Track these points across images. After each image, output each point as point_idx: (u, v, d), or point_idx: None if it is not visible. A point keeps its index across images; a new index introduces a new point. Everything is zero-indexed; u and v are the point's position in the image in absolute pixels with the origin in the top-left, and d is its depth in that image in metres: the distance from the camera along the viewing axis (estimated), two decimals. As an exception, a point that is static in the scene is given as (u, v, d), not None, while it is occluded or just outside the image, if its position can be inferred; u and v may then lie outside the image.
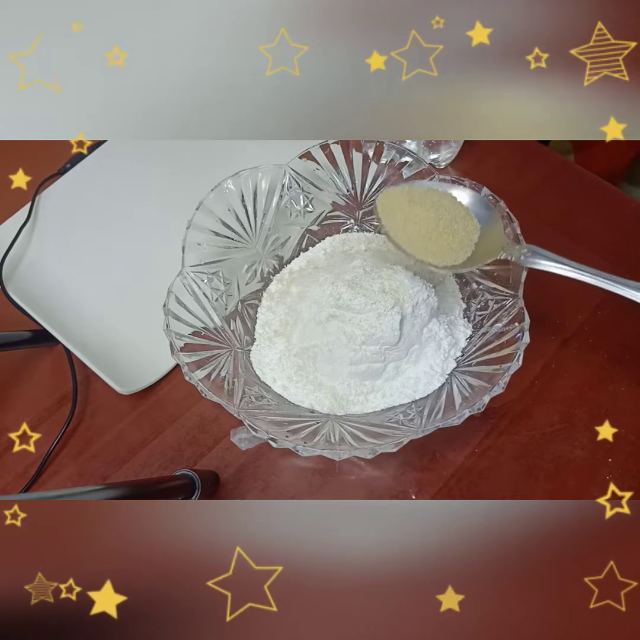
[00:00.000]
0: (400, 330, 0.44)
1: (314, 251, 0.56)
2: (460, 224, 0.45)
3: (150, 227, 0.62)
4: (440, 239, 0.44)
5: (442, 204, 0.45)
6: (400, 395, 0.47)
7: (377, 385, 0.47)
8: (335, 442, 0.42)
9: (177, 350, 0.44)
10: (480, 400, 0.41)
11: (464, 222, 0.45)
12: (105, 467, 0.51)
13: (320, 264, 0.54)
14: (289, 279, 0.54)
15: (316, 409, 0.46)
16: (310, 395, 0.47)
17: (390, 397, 0.47)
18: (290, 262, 0.55)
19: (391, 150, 0.53)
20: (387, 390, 0.47)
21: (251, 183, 0.52)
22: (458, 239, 0.44)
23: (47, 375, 0.56)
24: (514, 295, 0.46)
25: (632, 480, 0.47)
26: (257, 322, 0.52)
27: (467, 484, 0.48)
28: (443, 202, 0.45)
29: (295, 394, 0.47)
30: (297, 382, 0.47)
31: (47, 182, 0.66)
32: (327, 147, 0.53)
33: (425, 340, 0.47)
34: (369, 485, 0.48)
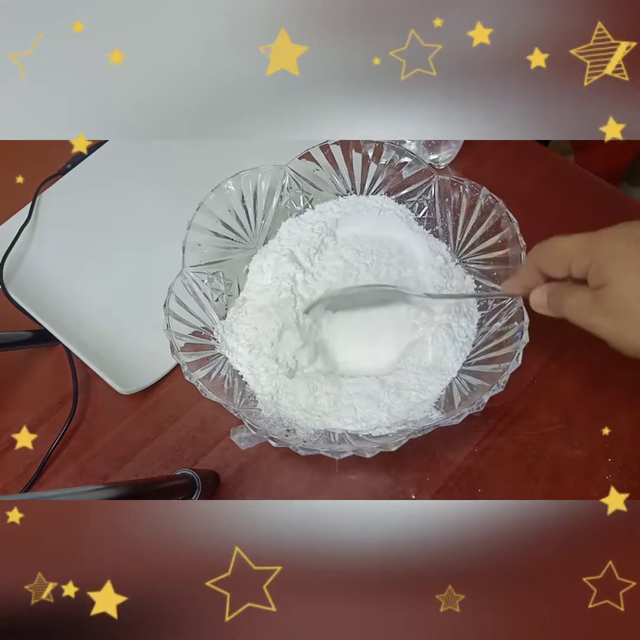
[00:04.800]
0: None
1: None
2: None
3: (151, 227, 0.62)
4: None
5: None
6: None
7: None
8: (335, 442, 0.43)
9: (177, 350, 0.44)
10: (479, 400, 0.41)
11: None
12: (105, 467, 0.51)
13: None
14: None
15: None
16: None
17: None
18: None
19: (391, 151, 0.53)
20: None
21: (251, 184, 0.52)
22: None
23: (47, 375, 0.56)
24: (513, 294, 0.46)
25: (632, 480, 0.47)
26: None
27: (467, 484, 0.48)
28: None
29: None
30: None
31: (47, 182, 0.66)
32: (327, 147, 0.53)
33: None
34: (369, 485, 0.48)
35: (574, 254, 0.35)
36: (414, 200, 0.54)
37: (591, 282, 0.34)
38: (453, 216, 0.52)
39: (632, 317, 0.32)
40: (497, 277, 0.49)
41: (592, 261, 0.33)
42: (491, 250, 0.49)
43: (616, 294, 0.32)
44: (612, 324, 0.33)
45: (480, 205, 0.50)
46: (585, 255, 0.34)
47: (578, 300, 0.35)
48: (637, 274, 0.31)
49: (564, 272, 0.36)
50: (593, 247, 0.34)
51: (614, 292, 0.32)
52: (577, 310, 0.35)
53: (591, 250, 0.34)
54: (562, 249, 0.36)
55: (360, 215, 0.54)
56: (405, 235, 0.54)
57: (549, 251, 0.37)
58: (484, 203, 0.49)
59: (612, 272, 0.32)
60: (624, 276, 0.32)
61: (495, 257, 0.49)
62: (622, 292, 0.32)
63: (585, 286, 0.35)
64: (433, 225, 0.54)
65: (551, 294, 0.38)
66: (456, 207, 0.51)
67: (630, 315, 0.32)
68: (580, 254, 0.34)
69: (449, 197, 0.52)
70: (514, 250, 0.47)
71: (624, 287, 0.32)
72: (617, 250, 0.32)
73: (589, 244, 0.34)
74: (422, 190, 0.53)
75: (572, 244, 0.35)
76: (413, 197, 0.54)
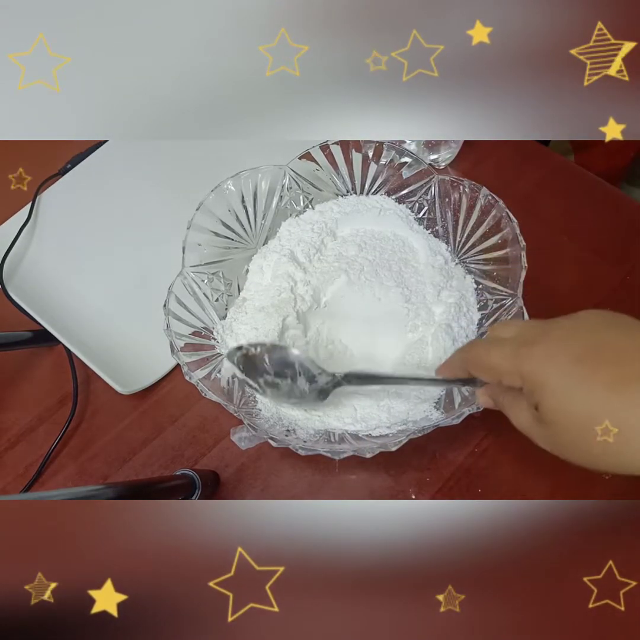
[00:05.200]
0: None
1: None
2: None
3: (151, 228, 0.62)
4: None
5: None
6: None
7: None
8: (335, 442, 0.43)
9: (177, 350, 0.44)
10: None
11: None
12: (105, 467, 0.51)
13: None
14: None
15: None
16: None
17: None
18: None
19: (391, 151, 0.53)
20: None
21: (251, 184, 0.52)
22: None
23: (47, 375, 0.56)
24: (513, 294, 0.46)
25: (632, 480, 0.47)
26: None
27: (467, 484, 0.48)
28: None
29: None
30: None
31: (47, 182, 0.66)
32: (327, 147, 0.53)
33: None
34: (369, 485, 0.48)
35: (503, 371, 0.32)
36: (414, 200, 0.54)
37: (529, 400, 0.32)
38: (453, 216, 0.52)
39: (572, 445, 0.30)
40: (497, 276, 0.49)
41: (524, 382, 0.31)
42: (491, 250, 0.49)
43: (554, 421, 0.30)
44: (555, 448, 0.31)
45: (480, 205, 0.50)
46: (515, 376, 0.31)
47: (517, 414, 0.34)
48: (571, 402, 0.29)
49: (495, 382, 0.34)
50: (521, 369, 0.31)
51: (551, 420, 0.30)
52: (520, 424, 0.34)
53: (520, 371, 0.31)
54: (490, 363, 0.33)
55: (360, 215, 0.54)
56: (405, 235, 0.54)
57: (478, 360, 0.35)
58: (484, 203, 0.49)
59: (547, 401, 0.30)
60: (560, 405, 0.29)
61: (495, 257, 0.49)
62: (559, 421, 0.30)
63: (521, 397, 0.33)
64: (433, 225, 0.54)
65: (493, 397, 0.37)
66: (456, 207, 0.52)
67: (571, 444, 0.30)
68: (508, 373, 0.32)
69: (449, 197, 0.52)
70: (514, 250, 0.47)
71: (562, 414, 0.29)
72: (545, 373, 0.30)
73: (515, 363, 0.31)
74: (422, 190, 0.53)
75: (499, 360, 0.32)
76: (413, 197, 0.54)
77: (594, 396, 0.28)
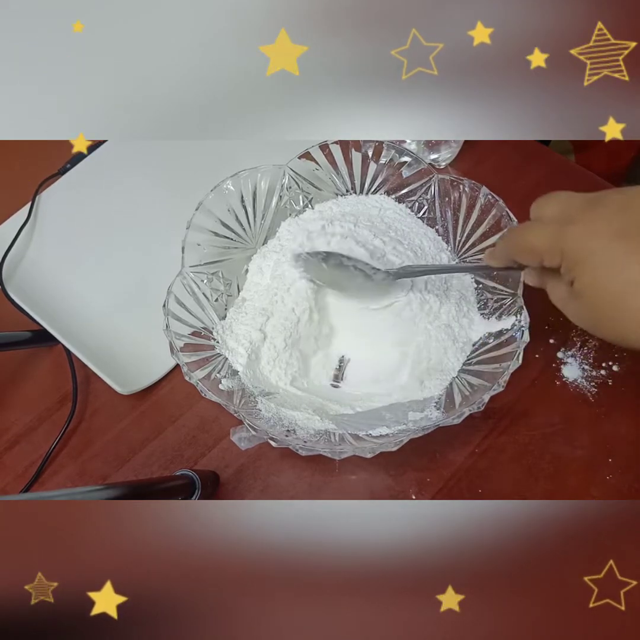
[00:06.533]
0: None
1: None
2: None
3: (150, 227, 0.62)
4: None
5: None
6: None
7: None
8: (335, 442, 0.42)
9: (177, 350, 0.44)
10: (480, 399, 0.41)
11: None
12: (105, 467, 0.51)
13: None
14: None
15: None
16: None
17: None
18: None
19: (390, 150, 0.53)
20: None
21: (251, 183, 0.52)
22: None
23: (47, 375, 0.56)
24: (513, 294, 0.46)
25: (633, 480, 0.47)
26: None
27: (467, 484, 0.48)
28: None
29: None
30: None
31: (47, 182, 0.66)
32: (327, 147, 0.53)
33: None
34: (369, 485, 0.48)
35: (543, 251, 0.33)
36: (414, 200, 0.54)
37: (564, 277, 0.33)
38: (453, 215, 0.52)
39: (606, 320, 0.30)
40: (497, 276, 0.49)
41: (563, 260, 0.32)
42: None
43: (589, 298, 0.31)
44: (587, 324, 0.32)
45: (480, 204, 0.50)
46: (556, 254, 0.32)
47: (555, 290, 0.35)
48: (609, 278, 0.29)
49: (537, 264, 0.35)
50: (562, 246, 0.32)
51: (586, 295, 0.31)
52: (555, 299, 0.35)
53: (561, 249, 0.32)
54: (531, 244, 0.34)
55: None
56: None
57: (519, 243, 0.35)
58: (484, 202, 0.49)
59: (584, 277, 0.31)
60: (596, 281, 0.30)
61: (495, 257, 0.49)
62: (594, 297, 0.31)
63: (559, 276, 0.34)
64: (433, 224, 0.54)
65: (534, 277, 0.38)
66: (456, 206, 0.51)
67: (604, 319, 0.31)
68: (549, 252, 0.33)
69: (449, 197, 0.52)
70: (514, 250, 0.47)
71: (597, 291, 0.30)
72: (586, 249, 0.30)
73: (557, 241, 0.32)
74: (422, 189, 0.53)
75: (541, 240, 0.33)
76: (413, 197, 0.54)
77: (634, 271, 0.28)
